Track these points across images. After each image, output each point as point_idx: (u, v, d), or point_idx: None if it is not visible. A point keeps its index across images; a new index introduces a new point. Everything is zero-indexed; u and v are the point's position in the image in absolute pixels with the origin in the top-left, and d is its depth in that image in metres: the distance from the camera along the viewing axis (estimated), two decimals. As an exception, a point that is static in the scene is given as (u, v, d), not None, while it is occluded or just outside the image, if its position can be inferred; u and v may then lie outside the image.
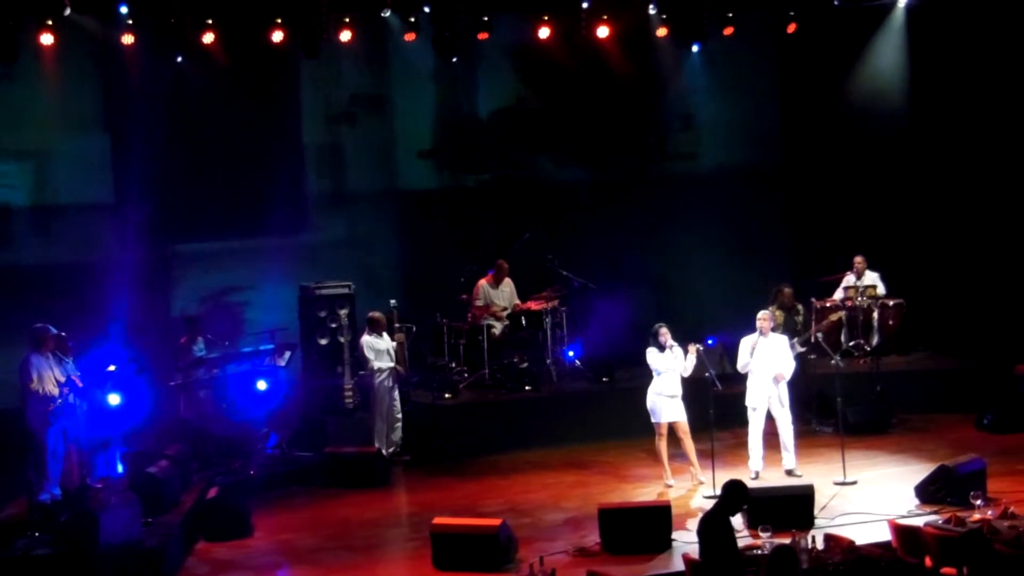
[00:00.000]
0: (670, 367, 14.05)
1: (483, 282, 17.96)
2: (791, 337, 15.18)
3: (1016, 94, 18.10)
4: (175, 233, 18.37)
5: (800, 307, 17.48)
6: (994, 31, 18.07)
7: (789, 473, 14.20)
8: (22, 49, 15.84)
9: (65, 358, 13.51)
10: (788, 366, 14.27)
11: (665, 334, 14.06)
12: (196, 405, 15.82)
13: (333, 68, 18.93)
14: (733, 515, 10.27)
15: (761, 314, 14.32)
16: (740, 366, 14.32)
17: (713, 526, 10.07)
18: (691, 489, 14.09)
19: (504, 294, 18.05)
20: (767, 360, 14.16)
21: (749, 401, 14.29)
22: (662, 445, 14.23)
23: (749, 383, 14.28)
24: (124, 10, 16.30)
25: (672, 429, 14.20)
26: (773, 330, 14.56)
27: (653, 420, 14.21)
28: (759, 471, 14.25)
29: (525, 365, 17.57)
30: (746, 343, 14.23)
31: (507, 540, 11.99)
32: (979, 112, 18.59)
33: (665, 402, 14.11)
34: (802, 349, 15.54)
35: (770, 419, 14.29)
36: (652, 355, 14.13)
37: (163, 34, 16.46)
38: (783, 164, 20.50)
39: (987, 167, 18.53)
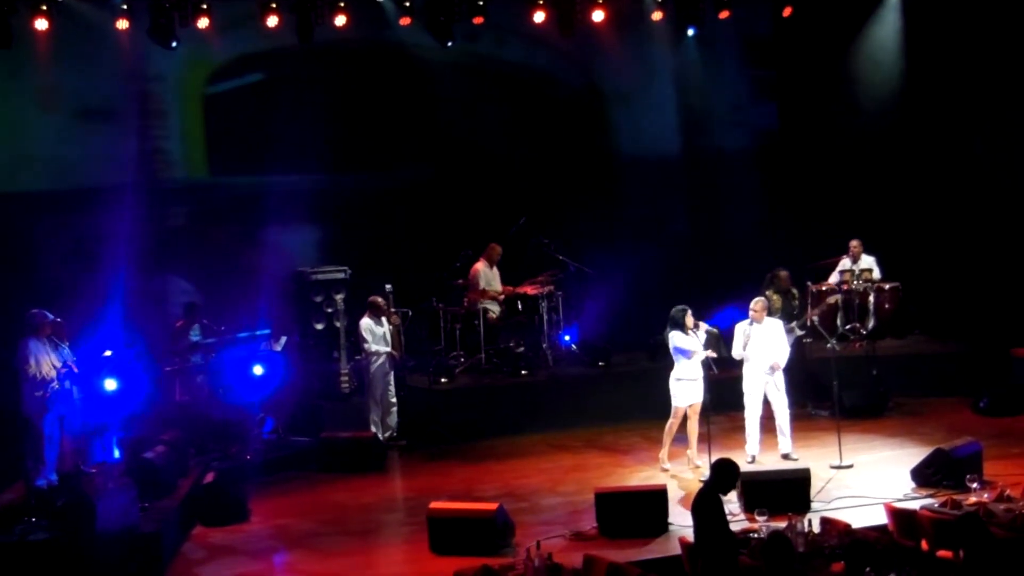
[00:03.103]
0: (699, 347, 13.94)
1: (480, 266, 17.93)
2: (788, 321, 15.19)
3: (1012, 77, 18.07)
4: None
5: (795, 291, 17.49)
6: (990, 13, 18.03)
7: (785, 457, 14.22)
8: (16, 34, 15.80)
9: (61, 344, 13.51)
10: (783, 352, 14.26)
11: (691, 317, 13.91)
12: (193, 390, 15.81)
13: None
14: (725, 493, 10.25)
15: (754, 302, 14.28)
16: (736, 354, 14.30)
17: (705, 505, 10.08)
18: (688, 473, 14.09)
19: (497, 277, 18.04)
20: (763, 346, 14.14)
21: (746, 386, 14.29)
22: (674, 427, 14.13)
23: (745, 368, 14.26)
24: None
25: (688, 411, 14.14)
26: (770, 314, 14.54)
27: (676, 404, 14.01)
28: (756, 455, 14.25)
29: (521, 350, 17.58)
30: (740, 331, 14.22)
31: (504, 524, 12.02)
32: (976, 95, 18.55)
33: (690, 386, 13.93)
34: (800, 332, 15.54)
35: (766, 403, 14.30)
36: (679, 338, 13.86)
37: (159, 19, 16.40)
38: (779, 148, 20.47)
39: (983, 150, 18.51)
